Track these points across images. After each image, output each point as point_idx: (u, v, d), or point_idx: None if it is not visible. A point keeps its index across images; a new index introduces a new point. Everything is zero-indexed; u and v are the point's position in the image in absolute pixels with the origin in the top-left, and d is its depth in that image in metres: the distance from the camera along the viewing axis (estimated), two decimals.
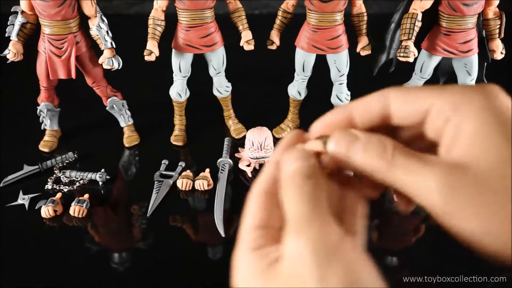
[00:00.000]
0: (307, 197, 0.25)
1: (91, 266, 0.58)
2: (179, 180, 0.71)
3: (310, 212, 0.24)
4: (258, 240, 0.26)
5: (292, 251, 0.23)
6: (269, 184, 0.28)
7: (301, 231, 0.23)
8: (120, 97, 0.81)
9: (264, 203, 0.27)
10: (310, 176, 0.26)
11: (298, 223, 0.24)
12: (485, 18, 0.71)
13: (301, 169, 0.26)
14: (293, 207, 0.25)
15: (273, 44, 0.76)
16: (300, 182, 0.25)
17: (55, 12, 0.69)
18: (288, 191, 0.25)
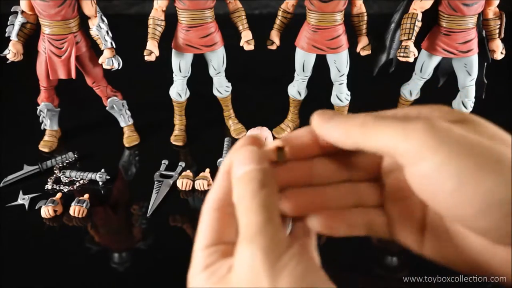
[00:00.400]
0: (261, 207, 0.24)
1: (91, 266, 0.58)
2: (179, 180, 0.71)
3: (263, 222, 0.24)
4: (209, 258, 0.26)
5: (243, 260, 0.23)
6: (221, 198, 0.27)
7: (252, 241, 0.23)
8: (120, 97, 0.81)
9: (216, 220, 0.27)
10: (264, 184, 0.25)
11: (250, 232, 0.24)
12: (485, 18, 0.71)
13: (254, 175, 0.26)
14: (246, 217, 0.24)
15: (273, 44, 0.76)
16: (254, 190, 0.25)
17: (55, 12, 0.69)
18: (241, 199, 0.25)
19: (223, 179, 0.28)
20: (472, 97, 0.76)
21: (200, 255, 0.26)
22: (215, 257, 0.26)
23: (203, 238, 0.27)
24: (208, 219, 0.27)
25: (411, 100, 0.81)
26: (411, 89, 0.79)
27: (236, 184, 0.26)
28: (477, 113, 0.85)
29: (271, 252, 0.23)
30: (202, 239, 0.27)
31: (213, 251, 0.26)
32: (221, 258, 0.25)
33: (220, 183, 0.28)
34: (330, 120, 0.27)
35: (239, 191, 0.26)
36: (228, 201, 0.27)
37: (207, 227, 0.27)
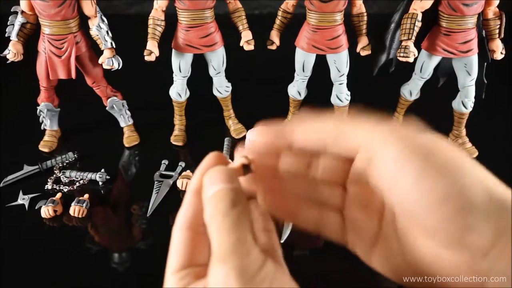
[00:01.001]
0: (232, 226, 0.24)
1: (91, 266, 0.58)
2: (179, 180, 0.71)
3: (235, 242, 0.24)
4: (180, 282, 0.26)
5: (217, 280, 0.23)
6: (191, 217, 0.27)
7: (225, 260, 0.23)
8: (120, 97, 0.81)
9: (186, 240, 0.27)
10: (235, 203, 0.25)
11: (223, 252, 0.24)
12: (485, 18, 0.71)
13: (225, 194, 0.26)
14: (217, 236, 0.24)
15: (273, 44, 0.76)
16: (225, 210, 0.25)
17: (55, 12, 0.69)
18: (213, 219, 0.25)
19: (192, 198, 0.28)
20: (472, 97, 0.76)
21: (172, 280, 0.26)
22: (186, 281, 0.25)
23: (174, 261, 0.27)
24: (179, 240, 0.27)
25: (411, 100, 0.81)
26: (411, 89, 0.79)
27: (207, 204, 0.26)
28: (477, 113, 0.85)
29: (245, 272, 0.23)
30: (173, 262, 0.27)
31: (184, 275, 0.26)
32: (193, 281, 0.25)
33: (190, 202, 0.28)
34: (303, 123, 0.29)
35: (211, 210, 0.25)
36: (199, 221, 0.27)
37: (178, 249, 0.27)
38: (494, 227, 0.23)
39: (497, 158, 0.76)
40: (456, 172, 0.24)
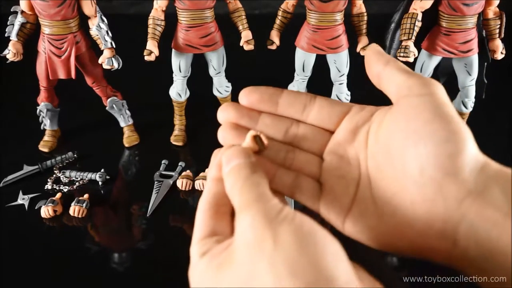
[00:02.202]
0: (253, 185, 0.26)
1: (91, 266, 0.58)
2: (179, 180, 0.71)
3: (257, 194, 0.26)
4: (204, 247, 0.27)
5: (244, 225, 0.24)
6: (210, 200, 0.29)
7: (250, 207, 0.25)
8: (120, 97, 0.81)
9: (206, 219, 0.29)
10: (254, 171, 0.28)
11: (247, 202, 0.25)
12: (485, 18, 0.71)
13: (243, 165, 0.28)
14: (240, 196, 0.26)
15: (273, 44, 0.76)
16: (246, 175, 0.27)
17: (55, 12, 0.69)
18: (234, 185, 0.27)
19: (212, 184, 0.30)
20: (472, 97, 0.76)
21: (195, 248, 0.28)
22: (210, 245, 0.27)
23: (198, 232, 0.29)
24: (200, 219, 0.29)
25: None
26: None
27: (227, 177, 0.28)
28: (478, 113, 0.85)
29: (268, 213, 0.24)
30: (197, 233, 0.29)
31: (207, 241, 0.28)
32: (216, 244, 0.27)
33: (210, 187, 0.30)
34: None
35: (231, 180, 0.28)
36: (219, 201, 0.29)
37: (200, 225, 0.29)
38: (475, 179, 0.26)
39: (498, 158, 0.75)
40: (454, 122, 0.27)
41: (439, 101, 0.28)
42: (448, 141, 0.26)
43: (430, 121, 0.27)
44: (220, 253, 0.26)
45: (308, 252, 0.22)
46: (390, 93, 0.31)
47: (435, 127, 0.27)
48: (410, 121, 0.28)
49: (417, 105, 0.28)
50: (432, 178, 0.26)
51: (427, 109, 0.27)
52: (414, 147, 0.27)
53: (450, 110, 0.28)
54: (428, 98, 0.28)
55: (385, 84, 0.31)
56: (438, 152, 0.26)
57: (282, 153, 0.33)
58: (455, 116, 0.27)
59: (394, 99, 0.30)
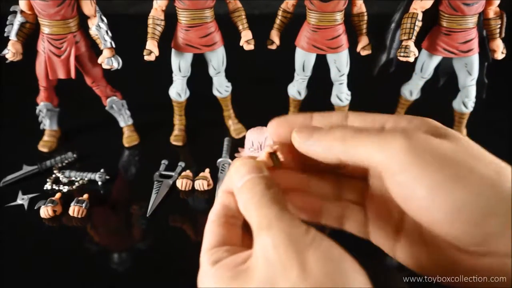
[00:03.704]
0: (272, 201, 0.25)
1: (91, 267, 0.58)
2: (179, 180, 0.71)
3: (278, 211, 0.24)
4: (215, 255, 0.26)
5: (265, 244, 0.23)
6: (221, 212, 0.28)
7: (271, 227, 0.24)
8: (119, 97, 0.81)
9: (217, 229, 0.28)
10: (270, 186, 0.26)
11: (267, 221, 0.24)
12: (486, 17, 0.71)
13: (258, 181, 0.27)
14: (258, 212, 0.25)
15: (273, 44, 0.76)
16: (261, 190, 0.26)
17: (55, 12, 0.68)
18: (249, 201, 0.26)
19: (223, 196, 0.29)
20: (473, 97, 0.76)
21: (206, 256, 0.27)
22: (222, 254, 0.26)
23: (206, 242, 0.27)
24: (210, 229, 0.28)
25: (411, 100, 0.81)
26: (411, 89, 0.79)
27: (239, 193, 0.27)
28: (478, 113, 0.85)
29: (294, 233, 0.23)
30: (206, 243, 0.27)
31: (217, 250, 0.26)
32: (227, 255, 0.26)
33: (220, 200, 0.29)
34: (310, 137, 0.28)
35: (245, 195, 0.26)
36: (229, 214, 0.28)
37: (209, 234, 0.28)
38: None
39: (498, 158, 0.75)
40: (471, 180, 0.24)
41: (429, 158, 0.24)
42: (467, 206, 0.23)
43: (435, 190, 0.24)
44: (235, 266, 0.24)
45: (337, 283, 0.21)
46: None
47: (445, 197, 0.24)
48: (415, 191, 0.24)
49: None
50: (471, 241, 0.24)
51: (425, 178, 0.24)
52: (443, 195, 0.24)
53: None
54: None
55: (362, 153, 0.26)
56: (463, 222, 0.24)
57: (327, 186, 0.31)
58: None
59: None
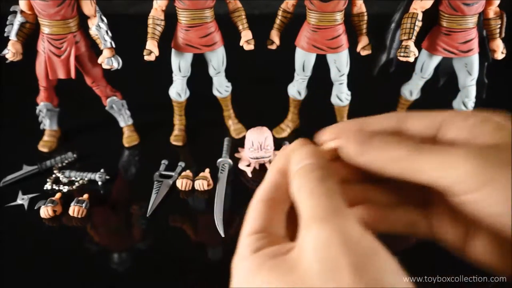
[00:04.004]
0: (329, 193, 0.23)
1: (91, 267, 0.58)
2: (179, 180, 0.71)
3: (335, 206, 0.23)
4: (257, 242, 0.24)
5: (317, 239, 0.21)
6: (271, 192, 0.27)
7: (327, 220, 0.22)
8: (119, 97, 0.81)
9: (264, 210, 0.26)
10: (329, 176, 0.25)
11: (322, 212, 0.22)
12: (486, 17, 0.71)
13: (317, 167, 0.25)
14: (312, 201, 0.23)
15: (273, 44, 0.76)
16: (319, 178, 0.24)
17: (55, 12, 0.68)
18: (304, 187, 0.24)
19: (274, 175, 0.27)
20: (473, 97, 0.76)
21: (247, 240, 0.25)
22: (264, 243, 0.24)
23: (251, 225, 0.25)
24: (256, 208, 0.26)
25: (411, 100, 0.81)
26: (411, 89, 0.79)
27: (295, 176, 0.25)
28: None
29: (351, 235, 0.21)
30: (250, 225, 0.25)
31: (260, 237, 0.25)
32: (270, 245, 0.24)
33: (271, 178, 0.27)
34: (370, 150, 0.26)
35: (300, 180, 0.25)
36: (279, 197, 0.26)
37: (256, 215, 0.26)
38: None
39: None
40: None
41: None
42: None
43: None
44: (277, 257, 0.23)
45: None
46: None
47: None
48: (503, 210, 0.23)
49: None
50: None
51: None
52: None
53: None
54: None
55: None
56: None
57: (388, 191, 0.29)
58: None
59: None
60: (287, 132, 0.85)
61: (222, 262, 0.59)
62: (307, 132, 0.94)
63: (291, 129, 0.86)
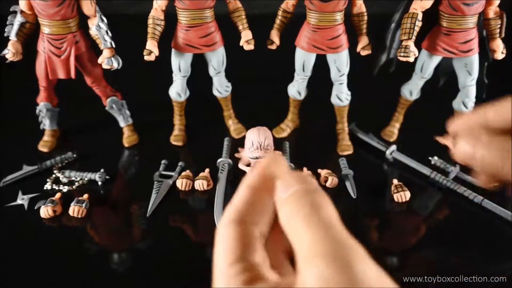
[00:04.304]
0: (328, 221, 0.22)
1: (91, 267, 0.58)
2: (179, 180, 0.71)
3: (339, 236, 0.21)
4: (241, 275, 0.22)
5: (320, 279, 0.20)
6: (245, 212, 0.24)
7: (329, 256, 0.20)
8: (119, 97, 0.81)
9: (239, 234, 0.23)
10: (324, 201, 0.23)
11: (323, 248, 0.20)
12: (486, 17, 0.71)
13: (311, 190, 0.23)
14: (310, 232, 0.21)
15: (273, 44, 0.76)
16: (315, 203, 0.22)
17: (55, 12, 0.68)
18: (300, 213, 0.22)
19: (247, 192, 0.25)
20: (473, 97, 0.76)
21: (229, 272, 0.22)
22: (246, 277, 0.22)
23: (229, 254, 0.23)
24: (232, 233, 0.23)
25: (411, 100, 0.81)
26: (411, 89, 0.79)
27: (286, 203, 0.23)
28: None
29: (356, 269, 0.20)
30: (228, 255, 0.23)
31: (242, 269, 0.22)
32: (253, 281, 0.22)
33: (244, 196, 0.25)
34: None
35: (293, 208, 0.23)
36: (252, 218, 0.24)
37: (232, 242, 0.23)
38: None
39: None
40: None
41: None
42: None
43: None
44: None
45: None
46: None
47: None
48: None
49: None
50: None
51: None
52: None
53: None
54: None
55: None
56: None
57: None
58: None
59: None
60: (287, 132, 0.85)
61: None
62: (307, 132, 0.94)
63: (291, 129, 0.86)
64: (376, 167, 0.77)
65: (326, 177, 0.71)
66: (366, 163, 0.78)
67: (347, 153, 0.80)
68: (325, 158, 0.79)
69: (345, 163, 0.76)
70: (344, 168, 0.74)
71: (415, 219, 0.66)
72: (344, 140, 0.81)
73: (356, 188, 0.70)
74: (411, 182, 0.71)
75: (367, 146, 0.81)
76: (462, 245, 0.61)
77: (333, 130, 0.82)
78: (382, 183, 0.73)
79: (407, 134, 0.83)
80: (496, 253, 0.61)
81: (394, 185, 0.69)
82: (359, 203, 0.69)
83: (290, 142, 0.80)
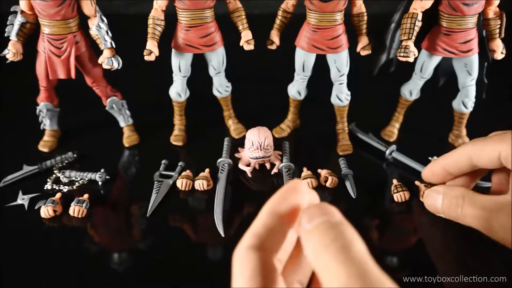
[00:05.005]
0: (356, 255, 0.22)
1: (91, 267, 0.58)
2: (179, 180, 0.71)
3: (366, 270, 0.21)
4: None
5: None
6: (266, 239, 0.24)
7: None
8: (119, 97, 0.81)
9: (261, 263, 0.23)
10: (351, 234, 0.23)
11: (358, 281, 0.21)
12: (486, 17, 0.71)
13: (336, 222, 0.23)
14: (339, 267, 0.21)
15: (273, 44, 0.76)
16: (342, 238, 0.23)
17: (55, 12, 0.68)
18: (328, 247, 0.22)
19: (267, 219, 0.25)
20: (473, 97, 0.76)
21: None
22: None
23: (251, 284, 0.23)
24: (254, 261, 0.23)
25: (411, 100, 0.81)
26: (411, 89, 0.79)
27: (311, 235, 0.23)
28: (478, 113, 0.85)
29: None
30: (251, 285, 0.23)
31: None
32: None
33: (265, 222, 0.25)
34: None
35: (319, 241, 0.23)
36: (273, 245, 0.24)
37: (255, 272, 0.23)
38: None
39: None
40: None
41: None
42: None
43: None
44: None
45: None
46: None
47: None
48: None
49: None
50: None
51: None
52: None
53: None
54: None
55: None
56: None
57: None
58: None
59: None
60: (287, 132, 0.85)
61: (222, 262, 0.59)
62: (307, 132, 0.94)
63: (291, 129, 0.86)
64: (376, 167, 0.77)
65: (326, 177, 0.71)
66: (366, 163, 0.78)
67: (347, 153, 0.80)
68: (325, 158, 0.79)
69: (345, 163, 0.76)
70: (344, 168, 0.74)
71: (415, 219, 0.66)
72: (344, 140, 0.81)
73: (356, 188, 0.70)
74: (411, 182, 0.71)
75: (367, 146, 0.81)
76: (462, 245, 0.61)
77: (333, 130, 0.82)
78: (382, 183, 0.73)
79: (407, 134, 0.83)
80: (496, 253, 0.61)
81: (394, 185, 0.69)
82: (359, 203, 0.69)
83: (290, 142, 0.80)
